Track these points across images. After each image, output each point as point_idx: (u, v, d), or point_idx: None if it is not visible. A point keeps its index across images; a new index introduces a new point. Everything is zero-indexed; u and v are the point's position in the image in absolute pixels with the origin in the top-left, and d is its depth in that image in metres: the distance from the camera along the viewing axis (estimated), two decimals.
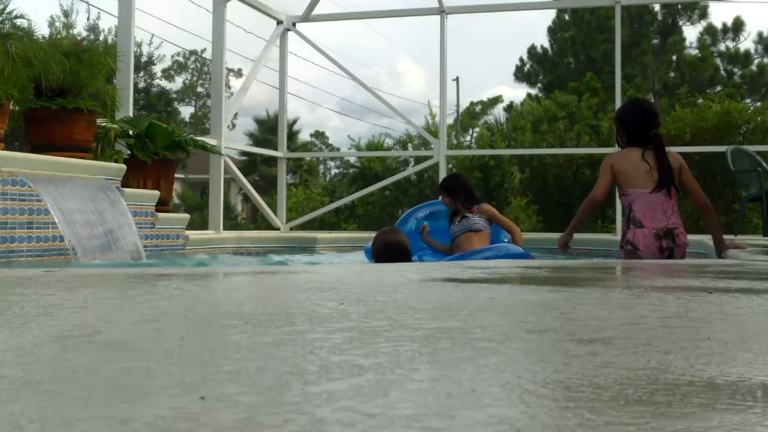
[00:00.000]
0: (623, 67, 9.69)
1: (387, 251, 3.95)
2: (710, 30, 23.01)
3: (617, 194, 4.38)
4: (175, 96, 33.11)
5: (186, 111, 34.51)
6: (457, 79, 34.12)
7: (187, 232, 5.86)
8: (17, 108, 4.98)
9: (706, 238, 4.47)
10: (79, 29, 26.10)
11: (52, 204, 4.19)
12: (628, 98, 4.35)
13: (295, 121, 29.56)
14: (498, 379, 0.76)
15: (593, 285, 1.96)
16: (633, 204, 3.82)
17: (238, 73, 29.88)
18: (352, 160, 19.38)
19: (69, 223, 4.24)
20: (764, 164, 6.74)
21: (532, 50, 24.46)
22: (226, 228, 8.38)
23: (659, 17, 22.70)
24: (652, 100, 20.90)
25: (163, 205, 5.67)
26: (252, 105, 39.21)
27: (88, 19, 35.64)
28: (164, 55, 36.10)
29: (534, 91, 24.29)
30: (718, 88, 21.56)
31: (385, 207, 16.89)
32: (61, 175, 4.50)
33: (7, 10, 4.72)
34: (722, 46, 23.10)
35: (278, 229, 8.53)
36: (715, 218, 4.01)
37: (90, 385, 0.73)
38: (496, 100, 31.37)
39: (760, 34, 22.89)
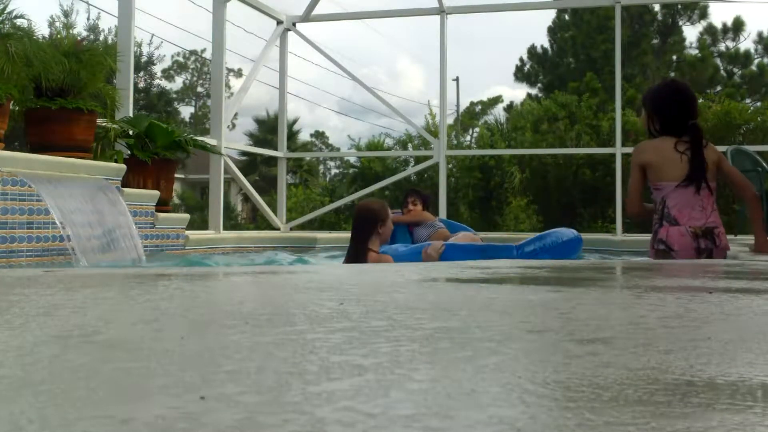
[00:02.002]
0: (623, 67, 9.70)
1: (354, 216, 4.19)
2: (710, 30, 22.99)
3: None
4: (175, 96, 33.10)
5: (186, 111, 34.54)
6: (457, 79, 34.12)
7: (187, 232, 5.86)
8: (17, 108, 4.98)
9: None
10: (79, 29, 26.11)
11: (52, 204, 4.19)
12: (663, 80, 3.89)
13: (295, 121, 29.55)
14: (498, 379, 0.76)
15: (593, 285, 1.96)
16: (667, 199, 3.43)
17: (238, 73, 29.88)
18: (352, 160, 19.36)
19: (69, 224, 4.24)
20: (764, 164, 6.74)
21: (532, 50, 24.45)
22: (226, 228, 8.37)
23: (659, 17, 22.70)
24: None
25: (163, 205, 5.67)
26: (252, 105, 39.21)
27: (88, 19, 35.70)
28: (164, 55, 36.15)
29: (534, 91, 24.28)
30: (718, 88, 21.53)
31: None
32: (61, 175, 4.50)
33: (7, 10, 4.72)
34: (722, 46, 23.09)
35: (278, 229, 8.53)
36: (762, 213, 3.64)
37: (90, 385, 0.73)
38: (496, 100, 31.35)
39: (760, 34, 22.89)
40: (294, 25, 8.75)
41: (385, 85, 57.59)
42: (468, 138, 24.93)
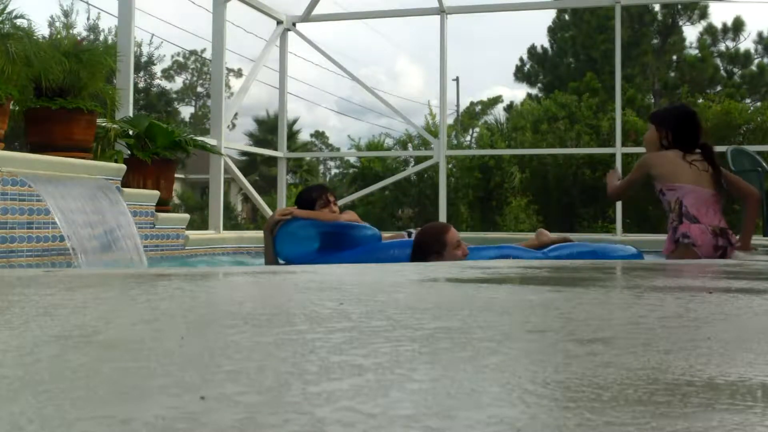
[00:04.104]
0: (623, 67, 9.69)
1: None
2: (710, 30, 22.99)
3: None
4: (175, 96, 33.11)
5: (186, 111, 34.54)
6: (457, 79, 34.12)
7: (187, 232, 5.86)
8: (17, 108, 4.97)
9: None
10: (79, 29, 26.14)
11: (52, 204, 4.19)
12: (680, 104, 4.42)
13: (295, 121, 29.56)
14: (498, 379, 0.76)
15: (593, 285, 1.96)
16: (683, 199, 3.65)
17: (238, 73, 29.87)
18: (352, 160, 19.38)
19: (69, 223, 4.24)
20: (764, 164, 6.74)
21: (532, 50, 24.45)
22: (226, 228, 8.37)
23: (659, 17, 22.70)
24: (653, 101, 20.95)
25: (163, 205, 5.66)
26: (252, 105, 39.16)
27: (88, 19, 35.79)
28: (164, 55, 36.16)
29: (534, 91, 24.29)
30: (718, 88, 21.54)
31: (385, 207, 16.90)
32: (61, 175, 4.50)
33: (7, 10, 4.71)
34: (722, 46, 23.09)
35: None
36: (757, 216, 4.04)
37: (90, 385, 0.73)
38: (496, 100, 31.34)
39: (760, 34, 22.90)
40: (294, 25, 8.74)
41: (385, 85, 57.63)
42: (468, 138, 24.94)
